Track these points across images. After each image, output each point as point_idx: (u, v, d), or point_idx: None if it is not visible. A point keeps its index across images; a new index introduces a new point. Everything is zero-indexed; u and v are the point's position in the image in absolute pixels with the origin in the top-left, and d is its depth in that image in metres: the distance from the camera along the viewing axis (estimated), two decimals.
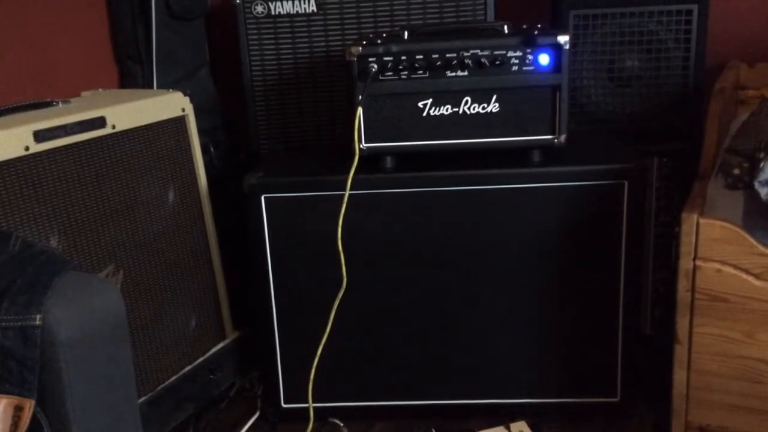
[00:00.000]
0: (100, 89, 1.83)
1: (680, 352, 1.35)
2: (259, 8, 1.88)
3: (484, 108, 1.55)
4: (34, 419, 1.04)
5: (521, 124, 1.55)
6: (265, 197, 1.59)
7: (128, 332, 1.16)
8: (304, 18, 1.88)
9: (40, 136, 1.37)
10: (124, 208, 1.55)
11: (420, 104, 1.56)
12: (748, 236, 1.26)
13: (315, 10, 1.88)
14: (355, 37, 1.85)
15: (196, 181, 1.73)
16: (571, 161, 1.56)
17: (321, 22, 1.88)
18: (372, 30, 1.87)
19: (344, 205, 1.51)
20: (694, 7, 1.76)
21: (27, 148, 1.35)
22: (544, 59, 1.51)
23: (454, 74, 1.53)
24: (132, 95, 1.66)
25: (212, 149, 2.02)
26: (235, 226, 1.78)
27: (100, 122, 1.49)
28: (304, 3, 1.87)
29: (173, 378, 1.66)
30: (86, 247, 1.47)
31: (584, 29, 1.81)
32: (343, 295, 1.54)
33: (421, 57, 1.53)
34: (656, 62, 1.80)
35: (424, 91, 1.55)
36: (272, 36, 1.90)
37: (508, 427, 1.63)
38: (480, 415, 1.67)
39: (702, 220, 1.28)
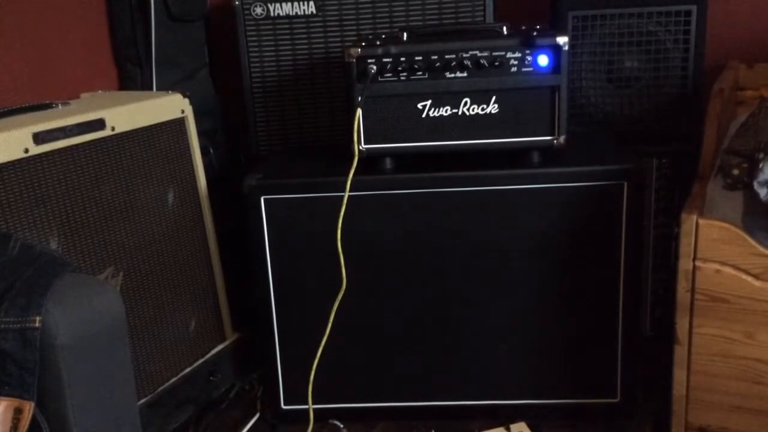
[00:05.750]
0: (100, 91, 1.83)
1: (680, 352, 1.35)
2: (259, 10, 1.88)
3: (483, 109, 1.55)
4: (34, 421, 1.04)
5: (520, 125, 1.55)
6: (264, 199, 1.59)
7: (128, 334, 1.17)
8: (303, 20, 1.88)
9: (39, 138, 1.37)
10: (123, 209, 1.55)
11: (419, 105, 1.56)
12: (747, 237, 1.26)
13: (314, 11, 1.88)
14: (354, 38, 1.85)
15: (195, 183, 1.73)
16: (570, 162, 1.56)
17: (320, 24, 1.88)
18: (371, 31, 1.87)
19: (344, 207, 1.51)
20: (693, 8, 1.76)
21: (26, 150, 1.35)
22: (543, 60, 1.51)
23: (453, 75, 1.53)
24: (131, 97, 1.66)
25: (211, 151, 2.01)
26: (235, 227, 1.78)
27: (99, 124, 1.49)
28: (303, 5, 1.87)
29: (173, 380, 1.66)
30: (86, 249, 1.47)
31: (583, 30, 1.81)
32: (342, 297, 1.54)
33: (420, 58, 1.53)
34: (655, 63, 1.80)
35: (423, 92, 1.55)
36: (271, 38, 1.90)
37: (508, 428, 1.62)
38: (480, 416, 1.67)
39: (701, 221, 1.28)
